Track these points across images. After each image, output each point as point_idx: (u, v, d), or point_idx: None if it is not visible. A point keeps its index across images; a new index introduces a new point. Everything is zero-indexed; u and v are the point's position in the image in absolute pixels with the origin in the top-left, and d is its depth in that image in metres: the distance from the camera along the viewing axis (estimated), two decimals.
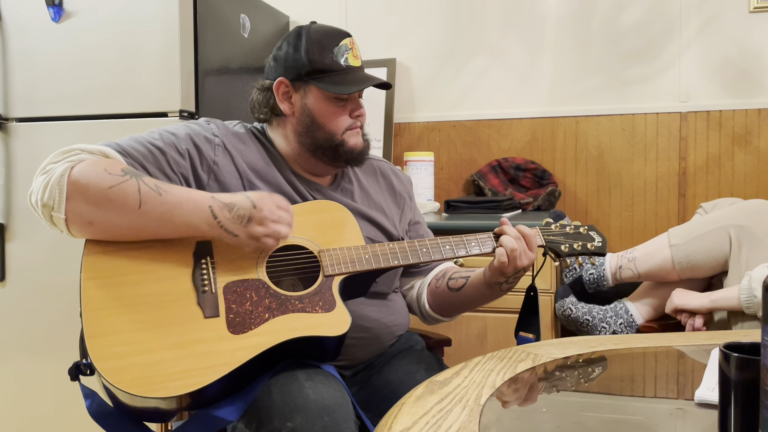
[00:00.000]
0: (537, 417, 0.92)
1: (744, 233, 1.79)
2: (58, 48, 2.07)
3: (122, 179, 1.13)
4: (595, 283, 2.02)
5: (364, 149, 1.41)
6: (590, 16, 2.54)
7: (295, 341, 1.15)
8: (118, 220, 1.14)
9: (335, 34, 1.36)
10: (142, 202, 1.12)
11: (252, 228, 1.15)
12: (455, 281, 1.45)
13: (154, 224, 1.14)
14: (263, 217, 1.15)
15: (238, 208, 1.15)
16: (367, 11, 2.76)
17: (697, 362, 1.15)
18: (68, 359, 1.16)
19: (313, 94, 1.34)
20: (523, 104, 2.62)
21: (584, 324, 2.00)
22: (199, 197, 1.17)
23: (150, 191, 1.13)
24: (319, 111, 1.35)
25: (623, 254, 2.00)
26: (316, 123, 1.35)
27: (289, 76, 1.35)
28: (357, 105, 1.38)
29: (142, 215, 1.13)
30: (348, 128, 1.36)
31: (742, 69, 2.40)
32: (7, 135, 2.12)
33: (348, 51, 1.35)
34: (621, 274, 1.98)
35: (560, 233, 1.41)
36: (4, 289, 2.13)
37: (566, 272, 2.09)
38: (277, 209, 1.18)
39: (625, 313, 1.97)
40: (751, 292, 1.68)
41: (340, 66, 1.34)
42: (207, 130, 1.33)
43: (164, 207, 1.13)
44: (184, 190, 1.18)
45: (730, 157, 2.42)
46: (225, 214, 1.15)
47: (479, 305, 1.45)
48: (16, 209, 2.12)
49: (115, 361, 1.06)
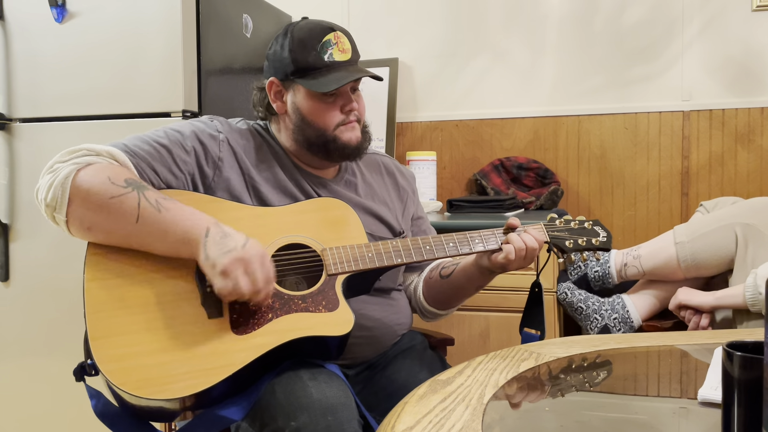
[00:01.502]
0: (540, 416, 0.92)
1: (750, 231, 1.79)
2: (61, 48, 2.07)
3: (124, 191, 1.13)
4: (600, 281, 2.02)
5: (361, 143, 1.38)
6: (593, 15, 2.54)
7: (299, 341, 1.15)
8: (115, 230, 1.14)
9: (319, 30, 1.33)
10: (140, 216, 1.12)
11: (223, 259, 1.09)
12: (446, 269, 1.46)
13: (148, 239, 1.14)
14: (241, 258, 1.09)
15: (231, 239, 1.12)
16: (369, 11, 2.76)
17: (700, 361, 1.15)
18: (72, 359, 1.17)
19: (300, 92, 1.34)
20: (525, 103, 2.62)
21: (578, 311, 2.00)
22: (203, 219, 1.14)
23: (149, 206, 1.12)
24: (307, 109, 1.34)
25: (628, 252, 1.99)
26: (305, 121, 1.34)
27: (278, 75, 1.36)
28: (347, 100, 1.35)
29: (137, 229, 1.12)
30: (340, 124, 1.35)
31: (744, 67, 2.40)
32: (11, 135, 2.12)
33: (332, 46, 1.33)
34: (626, 271, 1.98)
35: (565, 229, 1.41)
36: (8, 288, 2.14)
37: (571, 269, 2.09)
38: (259, 265, 1.11)
39: (621, 308, 1.97)
40: (757, 290, 1.68)
41: (324, 62, 1.32)
42: (211, 127, 1.33)
43: (160, 225, 1.12)
44: (188, 210, 1.15)
45: (733, 156, 2.41)
46: (216, 237, 1.11)
47: (469, 291, 1.45)
48: (20, 209, 2.12)
49: (119, 363, 1.07)
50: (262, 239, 1.23)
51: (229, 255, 1.09)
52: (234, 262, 1.09)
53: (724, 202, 2.03)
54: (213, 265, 1.10)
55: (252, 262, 1.10)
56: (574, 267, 2.08)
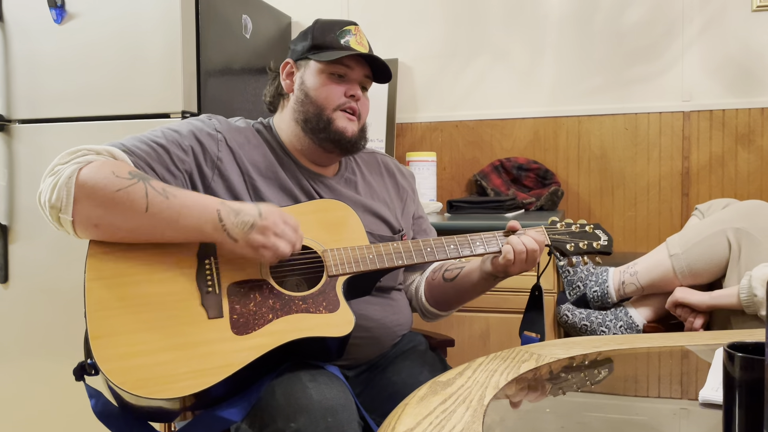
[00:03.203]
0: (541, 417, 0.92)
1: (741, 235, 1.79)
2: (60, 49, 2.07)
3: (130, 182, 1.13)
4: (599, 301, 2.02)
5: (356, 139, 1.39)
6: (592, 15, 2.54)
7: (299, 342, 1.15)
8: (125, 223, 1.14)
9: (343, 22, 1.40)
10: (149, 205, 1.12)
11: (252, 236, 1.13)
12: (450, 272, 1.46)
13: (160, 228, 1.14)
14: (265, 226, 1.14)
15: (245, 214, 1.14)
16: (369, 11, 2.76)
17: (702, 362, 1.15)
18: (71, 360, 1.17)
19: (310, 68, 1.38)
20: (525, 104, 2.62)
21: (582, 329, 2.00)
22: (208, 201, 1.16)
23: (157, 195, 1.13)
24: (313, 84, 1.37)
25: (625, 269, 2.00)
26: (309, 97, 1.37)
27: (294, 57, 1.41)
28: (353, 87, 1.38)
29: (148, 218, 1.13)
30: (339, 107, 1.36)
31: (744, 68, 2.40)
32: (10, 136, 2.12)
33: (351, 35, 1.37)
34: (624, 289, 1.99)
35: (566, 232, 1.41)
36: (7, 290, 2.14)
37: (569, 290, 2.09)
38: (282, 224, 1.16)
39: (625, 315, 1.97)
40: (751, 291, 1.68)
41: (339, 44, 1.36)
42: (209, 126, 1.34)
43: (170, 211, 1.13)
44: (193, 194, 1.18)
45: (734, 157, 2.41)
46: (231, 218, 1.14)
47: (472, 295, 1.46)
48: (19, 211, 2.12)
49: (120, 362, 1.07)
50: None
51: (253, 230, 1.13)
52: (263, 233, 1.13)
53: (718, 205, 2.03)
54: (246, 243, 1.14)
55: (276, 223, 1.15)
56: (573, 288, 2.07)
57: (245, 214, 1.14)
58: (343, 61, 1.36)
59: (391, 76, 1.42)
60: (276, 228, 1.14)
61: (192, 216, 1.14)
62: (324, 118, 1.36)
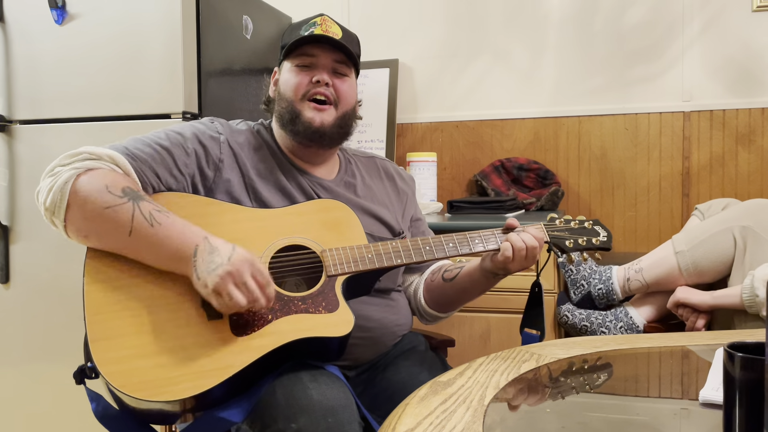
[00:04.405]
0: (541, 417, 0.92)
1: (748, 232, 1.79)
2: (61, 50, 2.07)
3: (120, 201, 1.12)
4: (604, 298, 2.02)
5: (330, 128, 1.36)
6: (593, 15, 2.54)
7: (299, 342, 1.15)
8: (108, 241, 1.14)
9: (309, 18, 1.40)
10: (133, 229, 1.11)
11: (212, 277, 1.07)
12: (450, 272, 1.46)
13: (141, 252, 1.14)
14: (229, 272, 1.07)
15: (218, 254, 1.10)
16: (369, 12, 2.76)
17: (702, 362, 1.15)
18: (72, 361, 1.17)
19: (284, 68, 1.41)
20: (525, 104, 2.62)
21: (582, 330, 2.00)
22: (192, 235, 1.13)
23: (143, 221, 1.12)
24: (283, 81, 1.40)
25: (630, 266, 2.00)
26: (280, 93, 1.40)
27: (278, 63, 1.44)
28: (317, 72, 1.36)
29: (130, 242, 1.12)
30: (305, 95, 1.35)
31: (745, 68, 2.40)
32: (11, 137, 2.12)
33: (316, 26, 1.36)
34: (629, 286, 1.98)
35: (565, 228, 1.41)
36: (8, 290, 2.14)
37: (574, 289, 2.08)
38: (249, 276, 1.09)
39: (625, 316, 1.97)
40: (753, 291, 1.68)
41: (302, 36, 1.35)
42: (211, 128, 1.35)
43: (153, 239, 1.12)
44: (181, 225, 1.14)
45: (734, 157, 2.41)
46: (204, 255, 1.10)
47: (472, 294, 1.45)
48: (20, 211, 2.12)
49: (119, 365, 1.07)
50: (261, 241, 1.24)
51: (215, 272, 1.08)
52: (222, 278, 1.07)
53: (718, 204, 2.04)
54: (204, 285, 1.09)
55: (241, 272, 1.08)
56: (577, 287, 2.07)
57: (218, 254, 1.10)
58: (306, 51, 1.36)
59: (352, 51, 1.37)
60: (238, 277, 1.08)
61: (171, 247, 1.12)
62: (293, 110, 1.36)
